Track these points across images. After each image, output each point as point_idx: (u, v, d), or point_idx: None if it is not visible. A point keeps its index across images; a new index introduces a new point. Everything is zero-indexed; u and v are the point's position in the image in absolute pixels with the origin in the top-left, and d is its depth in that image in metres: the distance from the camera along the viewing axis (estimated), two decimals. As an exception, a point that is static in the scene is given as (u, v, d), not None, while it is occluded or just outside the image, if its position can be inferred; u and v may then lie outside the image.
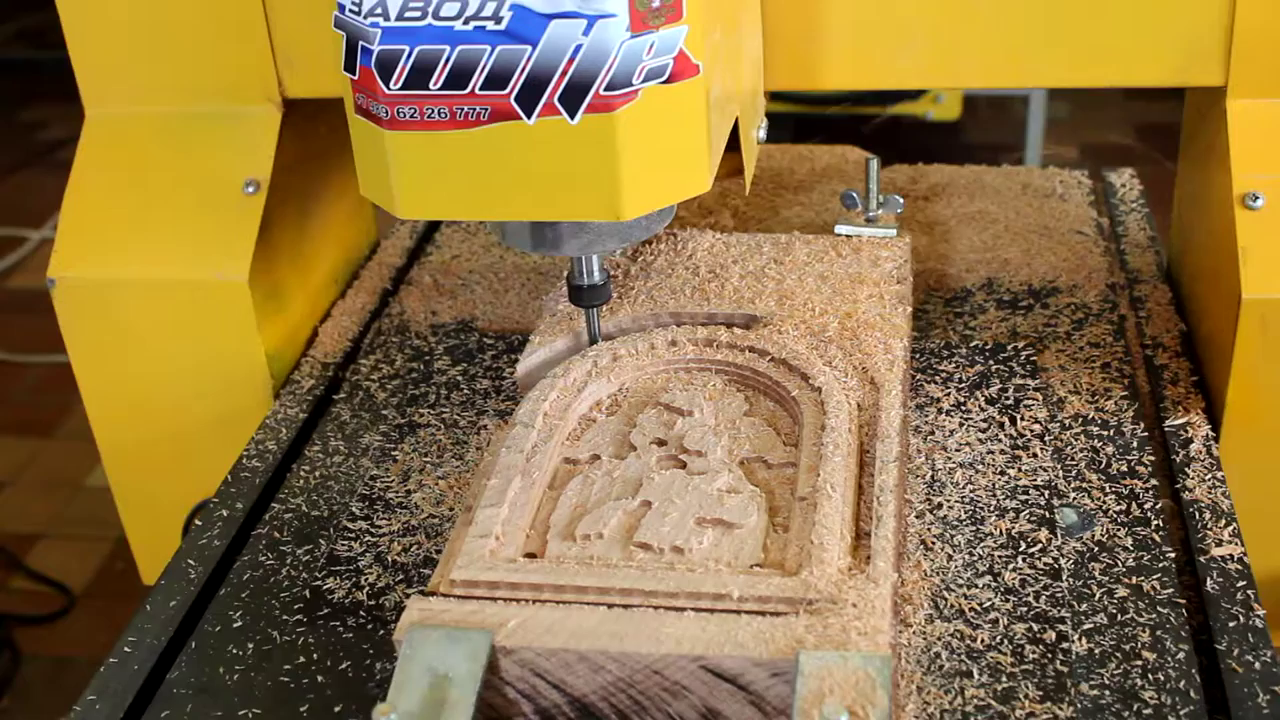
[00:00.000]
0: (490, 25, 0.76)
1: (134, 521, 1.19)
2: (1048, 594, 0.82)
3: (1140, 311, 1.14)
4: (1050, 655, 0.78)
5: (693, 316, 1.00)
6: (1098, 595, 0.83)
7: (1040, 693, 0.76)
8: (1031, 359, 1.05)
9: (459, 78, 0.78)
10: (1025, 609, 0.81)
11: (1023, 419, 0.98)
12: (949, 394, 1.01)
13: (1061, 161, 1.49)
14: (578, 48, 0.76)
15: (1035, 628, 0.80)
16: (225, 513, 0.97)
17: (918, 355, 1.05)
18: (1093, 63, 1.03)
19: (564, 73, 0.77)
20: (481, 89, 0.78)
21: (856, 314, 0.98)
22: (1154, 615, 0.82)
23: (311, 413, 1.08)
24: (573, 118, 0.78)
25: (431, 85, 0.78)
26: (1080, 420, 0.99)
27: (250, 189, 1.09)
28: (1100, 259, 1.21)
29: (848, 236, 1.09)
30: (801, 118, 2.91)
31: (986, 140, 3.41)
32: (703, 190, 0.84)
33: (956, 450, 0.95)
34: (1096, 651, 0.79)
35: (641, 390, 0.95)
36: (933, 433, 0.97)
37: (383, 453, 1.01)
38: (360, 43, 0.79)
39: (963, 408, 0.99)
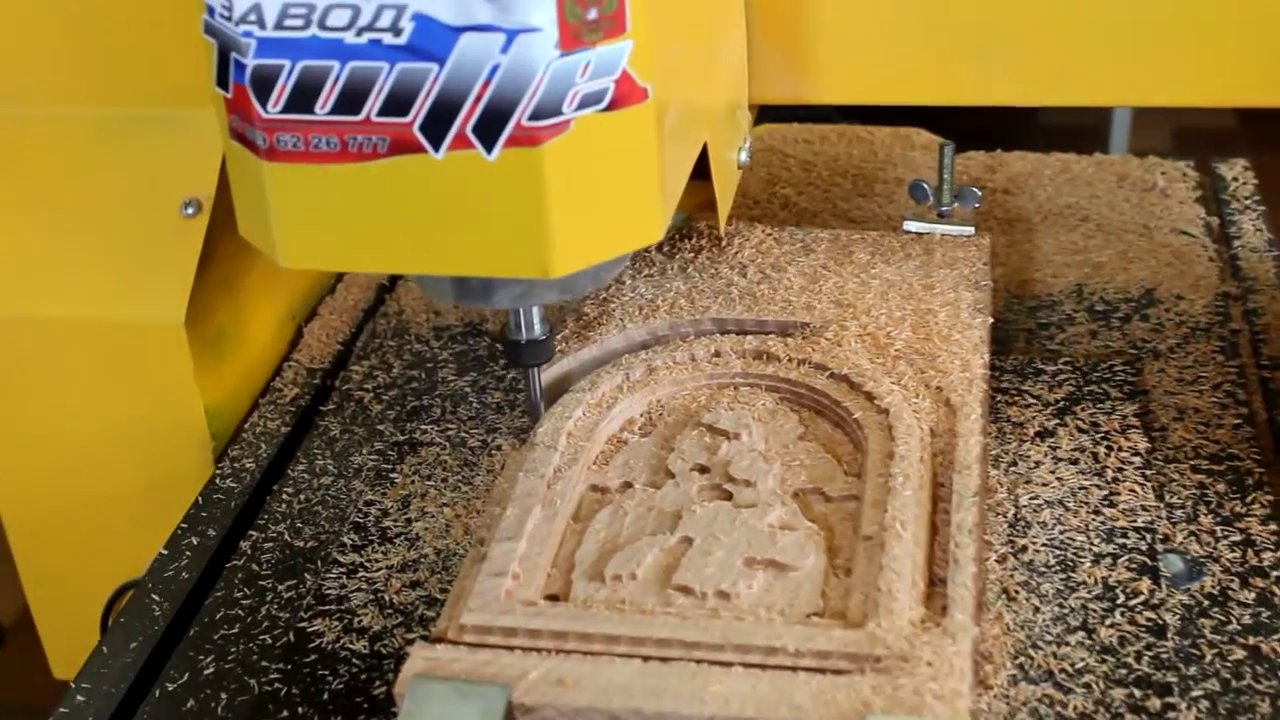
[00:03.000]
0: (388, 39, 0.72)
1: (44, 608, 1.15)
2: (1150, 654, 0.82)
3: (1256, 326, 1.13)
4: (1154, 726, 0.78)
5: (739, 324, 1.00)
6: (1209, 657, 0.83)
7: (1142, 769, 0.76)
8: (1130, 379, 1.05)
9: (351, 101, 0.74)
10: (1125, 671, 0.81)
11: (1120, 449, 0.98)
12: (1034, 419, 1.01)
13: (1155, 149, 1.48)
14: (494, 68, 0.72)
15: (1136, 693, 0.80)
16: (195, 541, 0.97)
17: (998, 373, 1.05)
18: (1199, 79, 1.00)
19: (478, 98, 0.73)
20: (379, 115, 0.74)
21: (929, 324, 0.98)
22: (1274, 682, 0.81)
23: (295, 426, 1.08)
24: (489, 152, 0.74)
25: (318, 109, 0.74)
26: (1187, 452, 0.99)
27: (190, 210, 1.05)
28: (1209, 264, 1.21)
29: (918, 234, 1.10)
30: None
31: (1067, 122, 3.40)
32: (654, 240, 0.80)
33: (1043, 485, 0.95)
34: (1208, 723, 0.79)
35: (680, 408, 0.95)
36: (1015, 464, 0.97)
37: (378, 474, 1.01)
38: (233, 54, 0.75)
39: (1050, 435, 0.99)
